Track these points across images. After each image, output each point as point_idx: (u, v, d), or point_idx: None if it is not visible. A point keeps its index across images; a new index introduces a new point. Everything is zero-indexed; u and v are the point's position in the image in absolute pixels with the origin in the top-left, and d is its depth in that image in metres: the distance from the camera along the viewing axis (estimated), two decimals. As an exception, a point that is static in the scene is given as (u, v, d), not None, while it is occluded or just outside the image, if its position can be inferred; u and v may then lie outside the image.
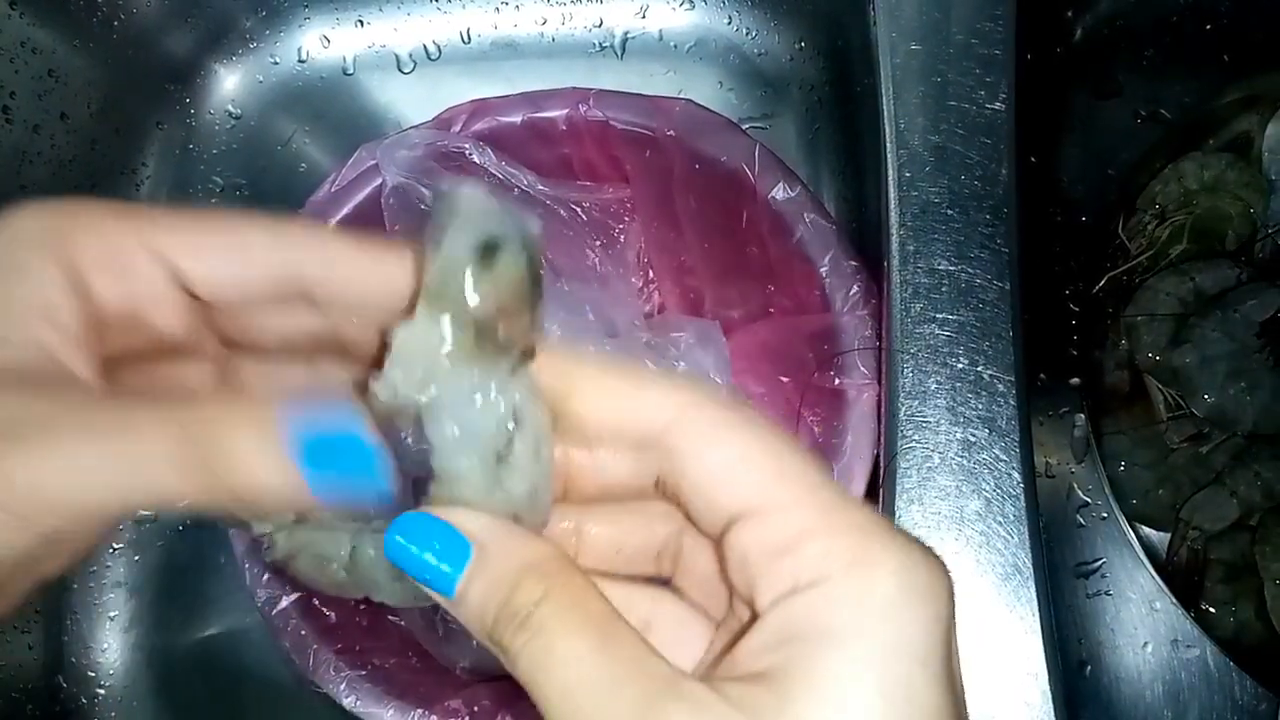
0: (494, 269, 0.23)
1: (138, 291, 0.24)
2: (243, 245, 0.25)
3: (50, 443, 0.21)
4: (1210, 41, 0.63)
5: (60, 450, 0.21)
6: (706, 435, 0.23)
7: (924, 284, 0.46)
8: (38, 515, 0.21)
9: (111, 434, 0.22)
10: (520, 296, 0.23)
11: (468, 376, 0.23)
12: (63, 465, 0.21)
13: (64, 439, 0.21)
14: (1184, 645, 0.56)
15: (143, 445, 0.21)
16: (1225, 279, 0.60)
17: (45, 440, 0.21)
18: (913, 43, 0.50)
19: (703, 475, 0.23)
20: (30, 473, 0.21)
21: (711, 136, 0.55)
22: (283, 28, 0.72)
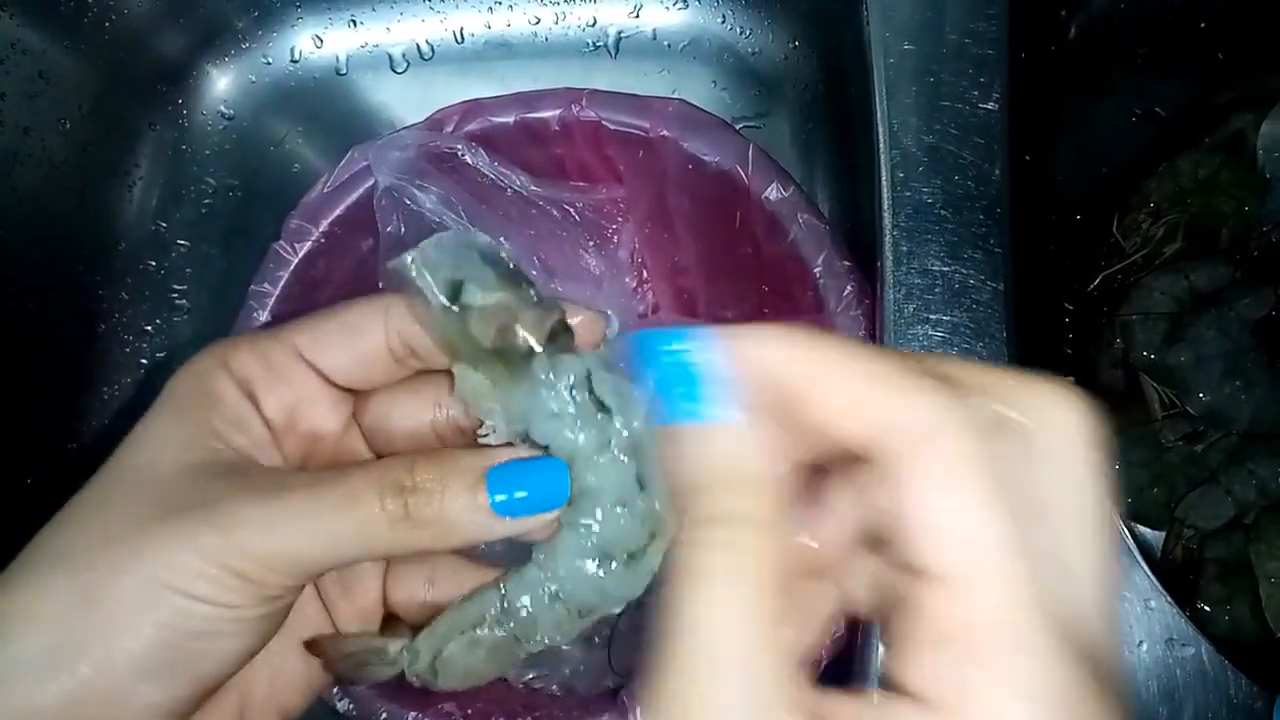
0: (472, 302, 0.25)
1: (297, 394, 0.29)
2: (354, 326, 0.29)
3: (281, 506, 0.25)
4: (1204, 40, 0.63)
5: (290, 510, 0.25)
6: (946, 476, 0.19)
7: (917, 285, 0.46)
8: (265, 573, 0.25)
9: (330, 494, 0.26)
10: (509, 301, 0.25)
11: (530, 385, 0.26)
12: (293, 525, 0.25)
13: (292, 501, 0.26)
14: (1179, 644, 0.56)
15: (361, 502, 0.26)
16: (1220, 277, 0.60)
17: (276, 504, 0.25)
18: (906, 42, 0.50)
19: (921, 514, 0.19)
20: (265, 535, 0.25)
21: (705, 136, 0.54)
22: (275, 28, 0.72)
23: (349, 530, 0.26)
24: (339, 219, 0.57)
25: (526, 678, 0.54)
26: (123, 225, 0.68)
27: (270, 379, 0.28)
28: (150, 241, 0.69)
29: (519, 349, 0.25)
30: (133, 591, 0.25)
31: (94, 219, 0.67)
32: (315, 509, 0.26)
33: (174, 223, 0.70)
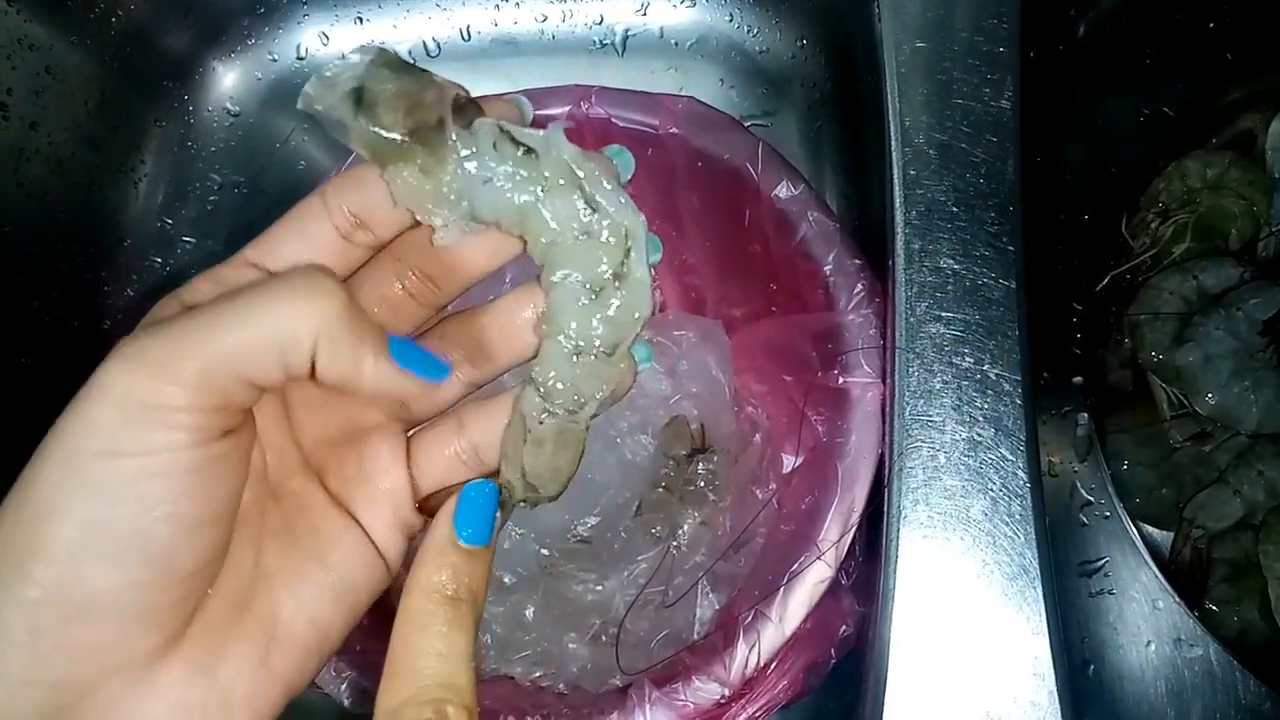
0: (375, 101, 0.25)
1: None
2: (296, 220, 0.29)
3: (175, 326, 0.24)
4: (1213, 39, 0.63)
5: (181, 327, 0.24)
6: None
7: (929, 283, 0.46)
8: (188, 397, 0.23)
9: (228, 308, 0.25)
10: (408, 86, 0.26)
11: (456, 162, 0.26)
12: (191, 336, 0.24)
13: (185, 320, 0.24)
14: (1187, 644, 0.56)
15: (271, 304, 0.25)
16: (1228, 277, 0.60)
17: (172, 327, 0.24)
18: (917, 40, 0.49)
19: None
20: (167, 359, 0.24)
21: (714, 134, 0.54)
22: (281, 25, 0.72)
23: (246, 311, 0.24)
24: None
25: (534, 676, 0.54)
26: (128, 221, 0.68)
27: (219, 290, 0.27)
28: (156, 238, 0.69)
29: (431, 126, 0.26)
30: (53, 481, 0.23)
31: (99, 215, 0.66)
32: (209, 307, 0.25)
33: (179, 219, 0.70)
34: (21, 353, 0.61)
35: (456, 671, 0.26)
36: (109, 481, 0.23)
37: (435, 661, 0.26)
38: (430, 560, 0.27)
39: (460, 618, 0.27)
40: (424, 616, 0.26)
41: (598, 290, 0.27)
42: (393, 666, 0.26)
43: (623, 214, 0.27)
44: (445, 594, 0.27)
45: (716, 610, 0.54)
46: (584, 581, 0.56)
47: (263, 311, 0.24)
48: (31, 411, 0.58)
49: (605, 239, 0.27)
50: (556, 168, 0.26)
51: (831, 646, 0.49)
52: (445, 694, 0.25)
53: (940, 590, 0.42)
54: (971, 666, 0.41)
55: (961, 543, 0.43)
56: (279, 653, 0.27)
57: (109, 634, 0.24)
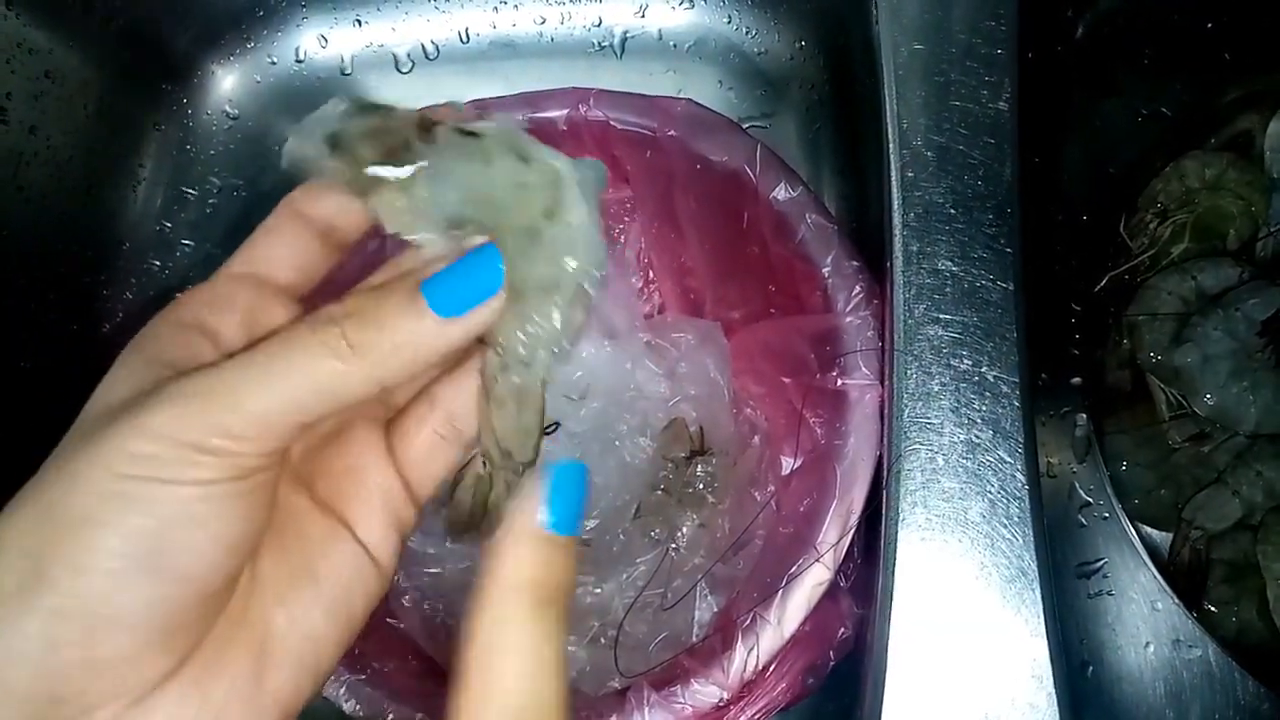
0: (348, 141, 0.27)
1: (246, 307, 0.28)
2: (272, 229, 0.29)
3: (225, 372, 0.25)
4: (1211, 40, 0.63)
5: (234, 372, 0.25)
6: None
7: (927, 284, 0.46)
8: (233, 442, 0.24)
9: (273, 340, 0.25)
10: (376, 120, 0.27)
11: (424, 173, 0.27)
12: (242, 385, 0.24)
13: (235, 364, 0.25)
14: (1186, 645, 0.56)
15: (296, 342, 0.25)
16: (1227, 278, 0.60)
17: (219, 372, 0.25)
18: (915, 42, 0.50)
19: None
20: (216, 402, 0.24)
21: (712, 136, 0.54)
22: (280, 27, 0.72)
23: (296, 375, 0.25)
24: (345, 219, 0.57)
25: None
26: (127, 225, 0.68)
27: (216, 307, 0.28)
28: (155, 241, 0.69)
29: (399, 147, 0.27)
30: (93, 495, 0.23)
31: (99, 218, 0.67)
32: (257, 364, 0.25)
33: (178, 223, 0.70)
34: (20, 356, 0.61)
35: (548, 688, 0.24)
36: (158, 499, 0.23)
37: (524, 676, 0.24)
38: (514, 554, 0.25)
39: (551, 619, 0.25)
40: (510, 619, 0.25)
41: (534, 235, 0.27)
42: (472, 676, 0.24)
43: (551, 158, 0.27)
44: (534, 593, 0.25)
45: (715, 613, 0.54)
46: (582, 584, 0.56)
47: (319, 367, 0.25)
48: (31, 414, 0.59)
49: (534, 183, 0.27)
50: (497, 141, 0.27)
51: (830, 649, 0.49)
52: (535, 715, 0.24)
53: (939, 592, 0.42)
54: (970, 668, 0.41)
55: (960, 545, 0.43)
56: (273, 669, 0.26)
57: (126, 651, 0.23)
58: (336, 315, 0.26)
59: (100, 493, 0.23)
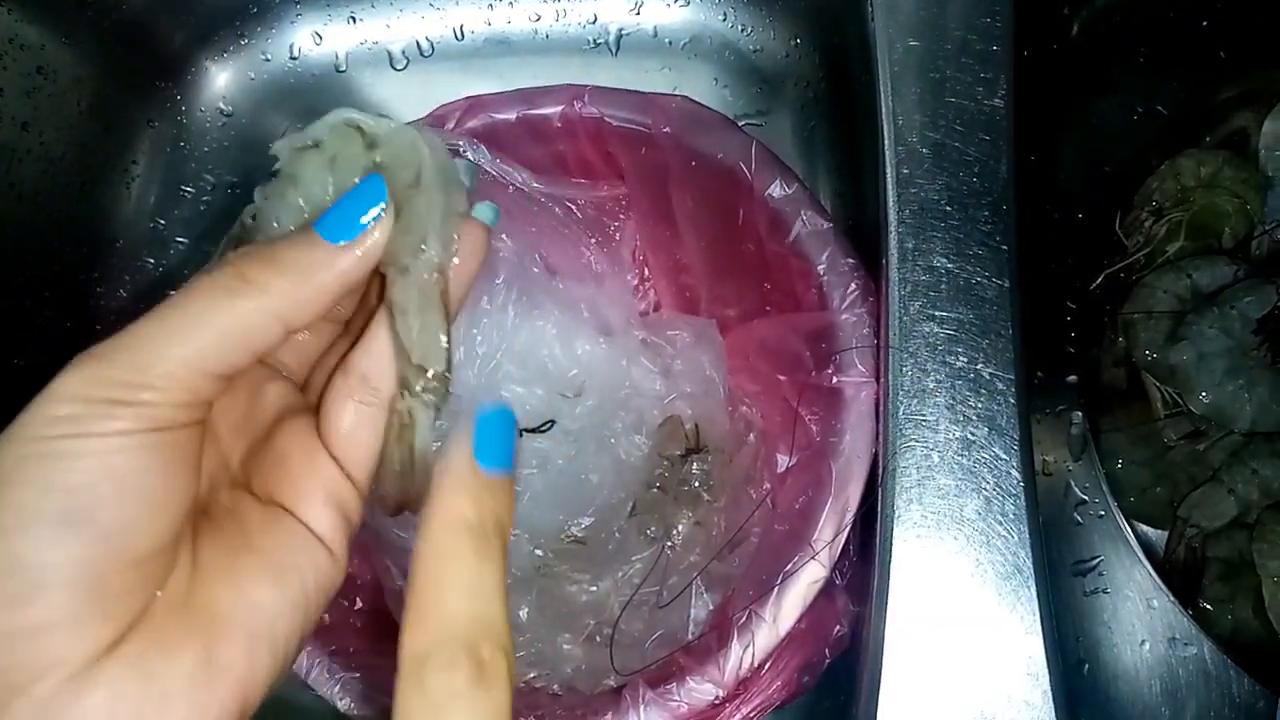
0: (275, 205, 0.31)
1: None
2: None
3: (131, 330, 0.25)
4: (1207, 38, 0.63)
5: (137, 330, 0.25)
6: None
7: (923, 282, 0.46)
8: (172, 386, 0.25)
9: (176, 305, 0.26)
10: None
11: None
12: (144, 338, 0.25)
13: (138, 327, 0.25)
14: (1182, 643, 0.56)
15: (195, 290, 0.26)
16: (1222, 276, 0.60)
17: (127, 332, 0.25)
18: (911, 39, 0.49)
19: None
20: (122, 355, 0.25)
21: (708, 133, 0.54)
22: (274, 24, 0.71)
23: (200, 320, 0.25)
24: (339, 216, 0.57)
25: (528, 677, 0.54)
26: (121, 222, 0.68)
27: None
28: (148, 239, 0.69)
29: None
30: (11, 458, 0.23)
31: (92, 216, 0.66)
32: (159, 315, 0.25)
33: (172, 220, 0.70)
34: (14, 353, 0.60)
35: (489, 609, 0.24)
36: (71, 451, 0.24)
37: (465, 599, 0.24)
38: (450, 491, 0.25)
39: (488, 549, 0.25)
40: (448, 551, 0.25)
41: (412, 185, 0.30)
42: (416, 607, 0.24)
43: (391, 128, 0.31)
44: (469, 526, 0.25)
45: (711, 610, 0.54)
46: (578, 582, 0.56)
47: (220, 308, 0.26)
48: (23, 413, 0.58)
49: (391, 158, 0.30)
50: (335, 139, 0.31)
51: (826, 646, 0.49)
52: (478, 633, 0.23)
53: (934, 590, 0.42)
54: (966, 666, 0.41)
55: (955, 542, 0.43)
56: (223, 644, 0.25)
57: (58, 614, 0.23)
58: (239, 262, 0.26)
59: (19, 455, 0.23)
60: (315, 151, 0.30)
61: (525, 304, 0.58)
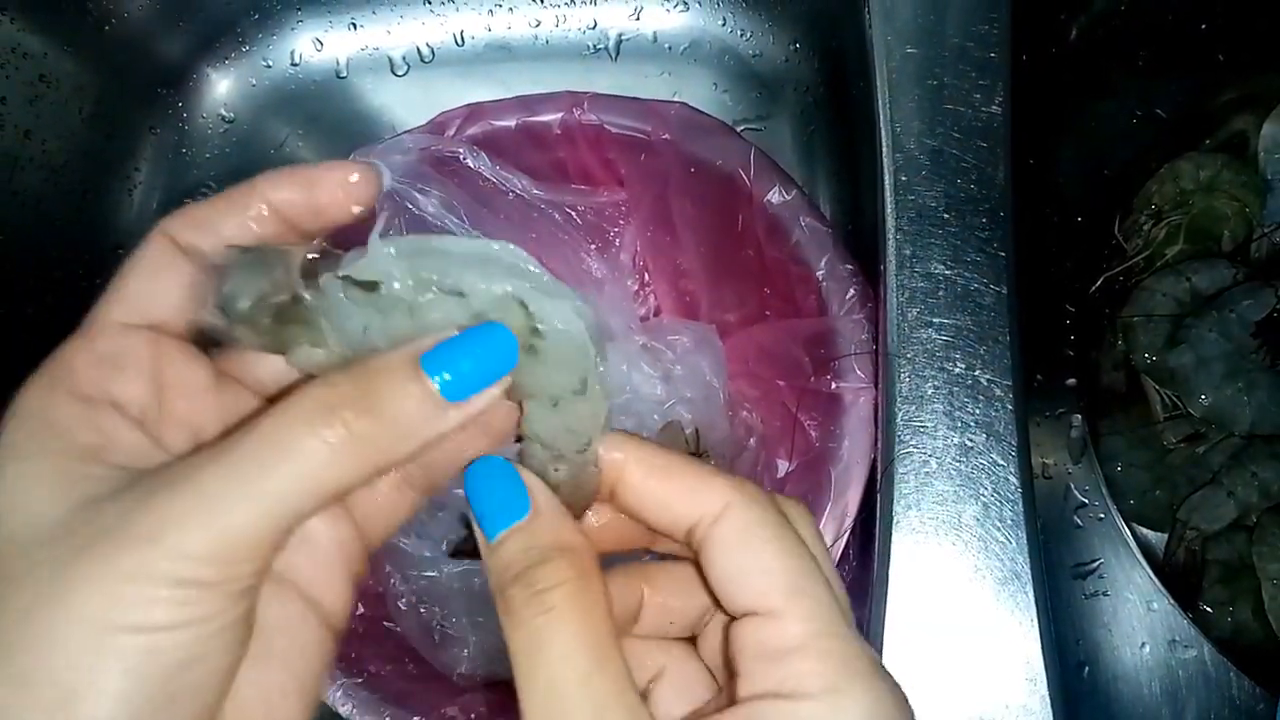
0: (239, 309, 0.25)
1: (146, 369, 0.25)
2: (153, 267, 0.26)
3: (202, 488, 0.21)
4: (1205, 41, 0.63)
5: (214, 489, 0.21)
6: (738, 537, 0.25)
7: (921, 288, 0.46)
8: (226, 568, 0.21)
9: (256, 443, 0.22)
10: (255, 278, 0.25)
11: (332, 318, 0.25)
12: (227, 503, 0.21)
13: (212, 478, 0.21)
14: (1182, 645, 0.56)
15: (290, 444, 0.22)
16: (1221, 279, 0.60)
17: (195, 490, 0.21)
18: (908, 45, 0.50)
19: (731, 574, 0.25)
20: (200, 527, 0.21)
21: (706, 140, 0.54)
22: (275, 31, 0.71)
23: (292, 480, 0.22)
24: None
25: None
26: (123, 229, 0.68)
27: (115, 368, 0.25)
28: (151, 245, 0.69)
29: (289, 305, 0.25)
30: (76, 655, 0.20)
31: (94, 223, 0.67)
32: (241, 476, 0.21)
33: (174, 226, 0.70)
34: (17, 361, 0.60)
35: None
36: (152, 649, 0.21)
37: None
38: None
39: None
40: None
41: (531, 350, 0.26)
42: None
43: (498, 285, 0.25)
44: None
45: (711, 615, 0.54)
46: (579, 587, 0.56)
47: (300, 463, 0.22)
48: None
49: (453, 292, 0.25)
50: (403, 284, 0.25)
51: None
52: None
53: (932, 595, 0.42)
54: (964, 671, 0.41)
55: (953, 548, 0.43)
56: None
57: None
58: (333, 403, 0.22)
59: (85, 656, 0.20)
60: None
61: (526, 310, 0.58)
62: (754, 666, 0.24)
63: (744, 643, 0.24)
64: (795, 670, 0.23)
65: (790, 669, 0.23)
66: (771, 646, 0.23)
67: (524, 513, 0.25)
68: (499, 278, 0.24)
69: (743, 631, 0.24)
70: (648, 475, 0.26)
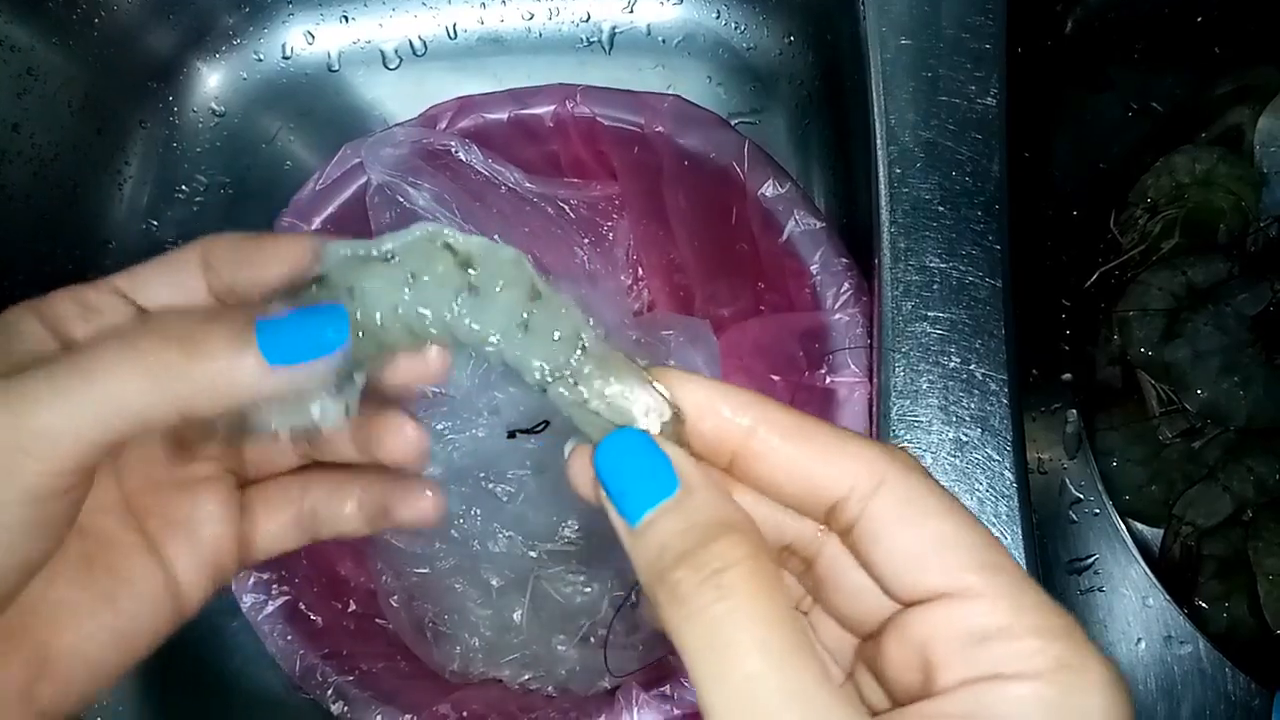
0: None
1: (113, 323, 0.27)
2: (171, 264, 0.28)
3: (42, 385, 0.23)
4: (1201, 34, 0.63)
5: (53, 387, 0.23)
6: (905, 511, 0.22)
7: (915, 282, 0.46)
8: (49, 453, 0.23)
9: (93, 367, 0.24)
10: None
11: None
12: (59, 401, 0.23)
13: (55, 379, 0.23)
14: (1177, 641, 0.56)
15: (122, 370, 0.24)
16: (1217, 273, 0.60)
17: (38, 383, 0.23)
18: (903, 37, 0.49)
19: (897, 553, 0.22)
20: (38, 410, 0.23)
21: (700, 133, 0.54)
22: (266, 24, 0.71)
23: (104, 398, 0.23)
24: (331, 217, 0.57)
25: (523, 678, 0.54)
26: (113, 223, 0.68)
27: (83, 313, 0.26)
28: (141, 240, 0.69)
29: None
30: None
31: (84, 217, 0.66)
32: (61, 374, 0.23)
33: (165, 221, 0.69)
34: (6, 356, 0.60)
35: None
36: None
37: None
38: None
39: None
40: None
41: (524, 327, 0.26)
42: None
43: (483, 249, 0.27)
44: None
45: (705, 611, 0.54)
46: (572, 583, 0.56)
47: (113, 381, 0.24)
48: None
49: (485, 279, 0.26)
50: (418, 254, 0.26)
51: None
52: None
53: (927, 591, 0.42)
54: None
55: (948, 543, 0.43)
56: (47, 685, 0.26)
57: None
58: (167, 339, 0.24)
59: None
60: (386, 265, 0.26)
61: (518, 304, 0.58)
62: (957, 652, 0.21)
63: (935, 629, 0.21)
64: (1013, 650, 0.21)
65: (1006, 649, 0.21)
66: (976, 628, 0.21)
67: (672, 489, 0.22)
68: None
69: (931, 617, 0.22)
70: (784, 440, 0.23)
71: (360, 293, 0.26)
